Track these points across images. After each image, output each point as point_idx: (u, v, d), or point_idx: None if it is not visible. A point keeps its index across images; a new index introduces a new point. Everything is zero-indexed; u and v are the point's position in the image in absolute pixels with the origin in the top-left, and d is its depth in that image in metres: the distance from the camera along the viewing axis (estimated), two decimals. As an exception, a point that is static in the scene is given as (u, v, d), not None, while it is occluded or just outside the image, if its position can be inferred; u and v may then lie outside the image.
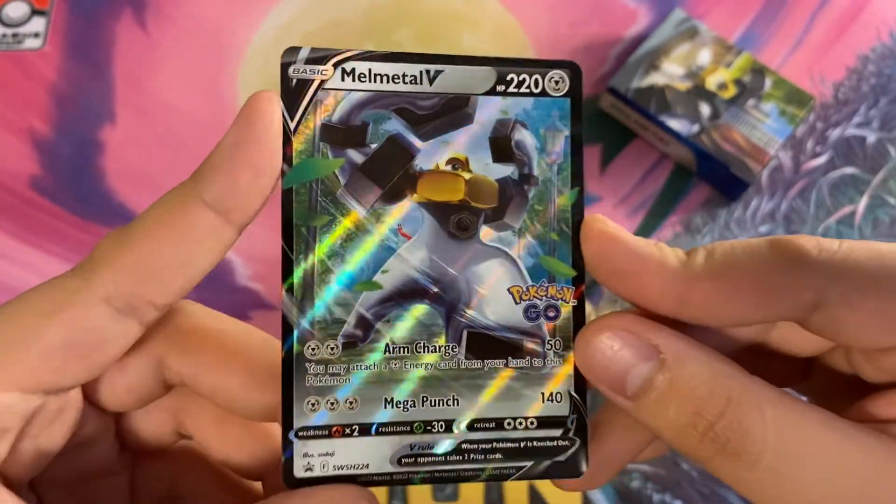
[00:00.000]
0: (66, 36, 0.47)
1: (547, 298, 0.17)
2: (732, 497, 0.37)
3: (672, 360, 0.15)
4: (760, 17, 0.48)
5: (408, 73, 0.17)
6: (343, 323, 0.17)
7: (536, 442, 0.17)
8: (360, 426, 0.17)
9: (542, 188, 0.17)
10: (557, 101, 0.18)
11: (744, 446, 0.15)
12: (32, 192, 0.43)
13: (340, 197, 0.17)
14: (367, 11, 0.48)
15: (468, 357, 0.17)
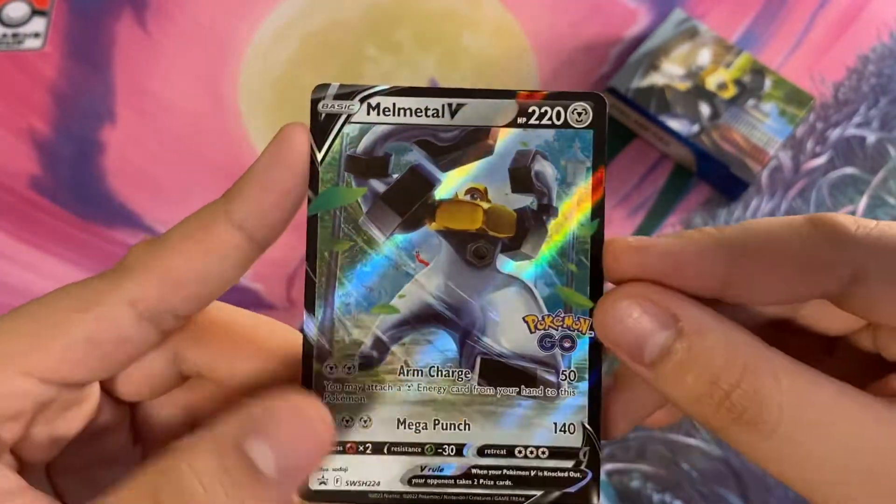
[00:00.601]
0: (67, 36, 0.47)
1: (563, 329, 0.17)
2: (732, 497, 0.37)
3: (690, 328, 0.16)
4: (760, 17, 0.48)
5: (430, 107, 0.18)
6: (360, 344, 0.18)
7: (547, 472, 0.17)
8: (374, 444, 0.17)
9: (562, 219, 0.18)
10: (580, 133, 0.18)
11: (760, 415, 0.15)
12: (32, 192, 0.43)
13: (362, 224, 0.18)
14: (367, 11, 0.48)
15: (481, 383, 0.17)
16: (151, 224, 0.43)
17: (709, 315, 0.16)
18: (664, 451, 0.38)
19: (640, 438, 0.39)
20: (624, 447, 0.38)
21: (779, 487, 0.38)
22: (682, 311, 0.16)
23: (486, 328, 0.18)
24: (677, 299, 0.16)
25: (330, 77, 0.46)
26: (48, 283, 0.41)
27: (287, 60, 0.46)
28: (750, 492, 0.38)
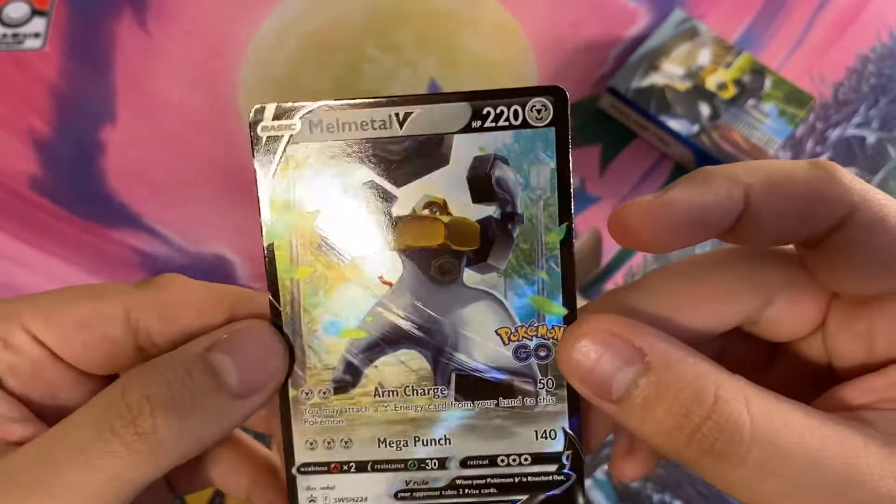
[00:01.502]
0: (67, 36, 0.47)
1: (538, 338, 0.17)
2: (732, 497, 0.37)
3: (657, 362, 0.15)
4: (760, 17, 0.48)
5: (376, 119, 0.17)
6: (333, 369, 0.17)
7: (531, 477, 0.18)
8: (357, 463, 0.18)
9: (528, 226, 0.17)
10: (540, 132, 0.17)
11: (730, 446, 0.15)
12: (32, 192, 0.43)
13: (320, 248, 0.17)
14: (366, 12, 0.48)
15: (458, 398, 0.17)
16: (151, 224, 0.43)
17: (674, 346, 0.16)
18: (664, 451, 0.38)
19: (641, 438, 0.39)
20: (624, 447, 0.38)
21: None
22: (648, 344, 0.16)
23: (458, 344, 0.17)
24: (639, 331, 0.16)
25: (330, 77, 0.46)
26: (48, 283, 0.41)
27: (287, 60, 0.46)
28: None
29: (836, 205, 0.16)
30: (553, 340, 0.17)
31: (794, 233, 0.17)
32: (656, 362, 0.15)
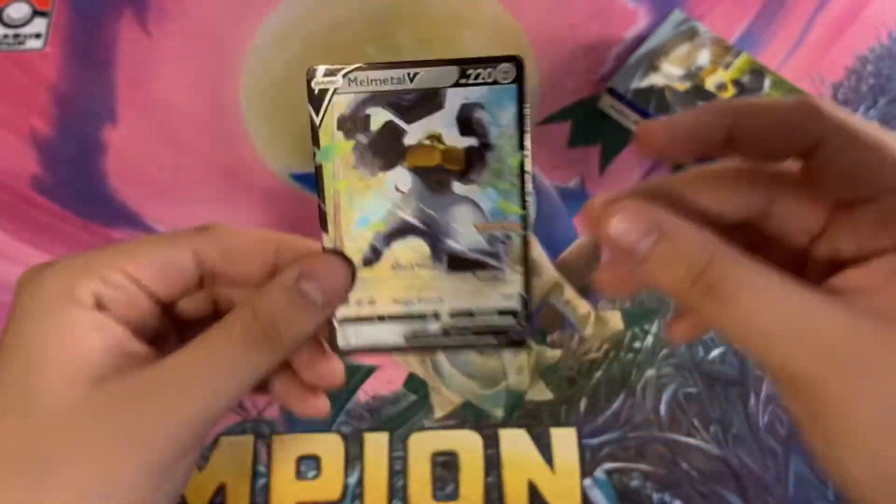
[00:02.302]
0: (68, 37, 0.47)
1: (503, 230, 0.24)
2: (731, 496, 0.38)
3: (669, 232, 0.21)
4: (760, 17, 0.48)
5: (394, 77, 0.24)
6: (362, 251, 0.25)
7: (497, 325, 0.25)
8: (378, 316, 0.25)
9: (498, 153, 0.24)
10: (507, 88, 0.24)
11: (724, 288, 0.20)
12: (33, 192, 0.43)
13: (354, 168, 0.24)
14: (367, 13, 0.48)
15: (448, 271, 0.25)
16: (152, 224, 0.43)
17: (683, 221, 0.21)
18: (664, 451, 0.38)
19: (640, 438, 0.39)
20: (624, 447, 0.38)
21: (777, 486, 0.38)
22: (662, 219, 0.21)
23: (448, 234, 0.25)
24: (657, 211, 0.21)
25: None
26: (49, 283, 0.41)
27: (287, 61, 0.46)
28: (749, 491, 0.38)
29: (810, 128, 0.21)
30: (513, 231, 0.24)
31: (779, 150, 0.22)
32: (668, 232, 0.21)
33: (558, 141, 0.45)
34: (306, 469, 0.38)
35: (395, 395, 0.39)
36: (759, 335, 0.20)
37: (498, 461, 0.38)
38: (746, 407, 0.39)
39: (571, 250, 0.42)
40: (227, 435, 0.39)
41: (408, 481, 0.38)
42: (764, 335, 0.20)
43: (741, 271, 0.20)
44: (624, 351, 0.40)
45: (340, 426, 0.39)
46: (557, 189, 0.43)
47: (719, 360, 0.40)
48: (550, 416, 0.39)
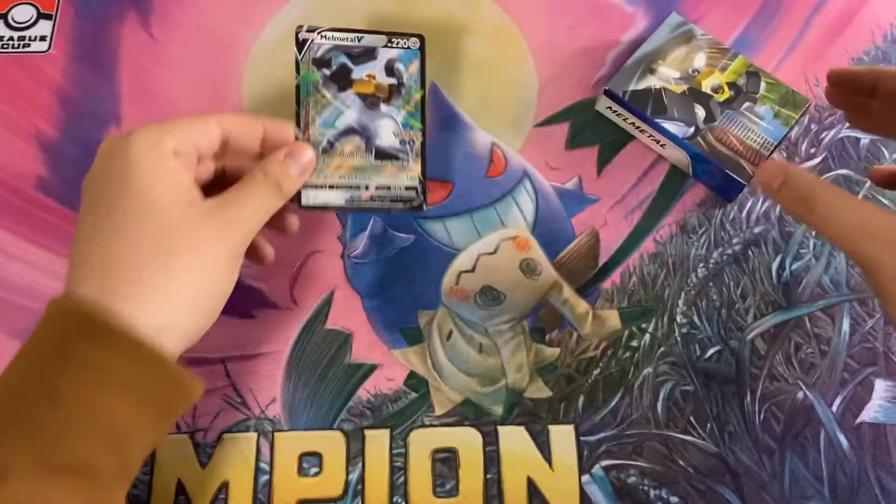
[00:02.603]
0: (72, 39, 0.48)
1: (409, 138, 0.37)
2: (728, 493, 0.38)
3: (790, 176, 0.33)
4: (756, 20, 0.48)
5: (349, 38, 0.37)
6: (321, 143, 0.36)
7: (405, 196, 0.36)
8: (329, 185, 0.36)
9: (408, 88, 0.37)
10: (414, 52, 0.37)
11: (815, 206, 0.32)
12: (38, 193, 0.44)
13: (321, 89, 0.36)
14: (368, 16, 0.48)
15: (375, 160, 0.36)
16: (156, 224, 0.43)
17: (799, 168, 0.34)
18: (661, 448, 0.39)
19: (637, 436, 0.39)
20: (621, 444, 0.39)
21: (773, 483, 0.38)
22: (789, 168, 0.33)
23: (376, 136, 0.36)
24: (789, 166, 0.34)
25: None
26: (54, 283, 0.42)
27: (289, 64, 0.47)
28: (745, 488, 0.38)
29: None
30: (416, 137, 0.37)
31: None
32: (790, 177, 0.33)
33: (557, 142, 0.45)
34: (308, 466, 0.39)
35: (396, 393, 0.40)
36: (837, 232, 0.32)
37: (497, 458, 0.39)
38: (742, 405, 0.40)
39: (570, 250, 0.43)
40: (230, 433, 0.39)
41: (408, 478, 0.38)
42: (840, 232, 0.32)
43: (827, 196, 0.33)
44: (622, 349, 0.41)
45: (342, 423, 0.39)
46: (556, 190, 0.44)
47: (715, 359, 0.41)
48: (549, 414, 0.40)
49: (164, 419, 0.31)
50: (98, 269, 0.30)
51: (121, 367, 0.29)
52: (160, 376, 0.30)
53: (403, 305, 0.41)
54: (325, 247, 0.43)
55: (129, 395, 0.29)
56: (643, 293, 0.42)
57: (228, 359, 0.40)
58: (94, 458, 0.28)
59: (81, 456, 0.28)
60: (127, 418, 0.29)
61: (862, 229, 0.32)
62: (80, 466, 0.28)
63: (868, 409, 0.39)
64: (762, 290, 0.42)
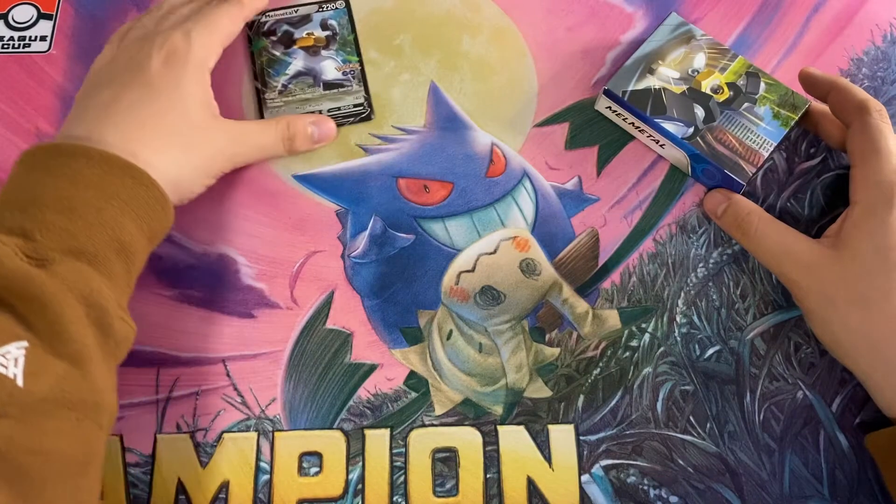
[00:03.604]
0: (72, 39, 0.48)
1: (349, 70, 0.45)
2: (727, 493, 0.38)
3: (732, 201, 0.41)
4: (755, 21, 0.48)
5: (288, 11, 0.47)
6: (277, 87, 0.45)
7: (354, 112, 0.45)
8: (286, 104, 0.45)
9: (343, 35, 0.47)
10: (341, 10, 0.47)
11: (748, 230, 0.40)
12: (39, 193, 0.44)
13: (270, 50, 0.46)
14: (368, 16, 0.48)
15: (324, 92, 0.45)
16: (156, 224, 0.43)
17: (741, 197, 0.41)
18: (660, 448, 0.39)
19: (637, 435, 0.39)
20: (621, 444, 0.39)
21: (773, 483, 0.38)
22: (731, 196, 0.41)
23: (322, 74, 0.45)
24: (733, 195, 0.42)
25: (332, 80, 0.46)
26: (55, 283, 0.42)
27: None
28: (744, 487, 0.38)
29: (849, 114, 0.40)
30: (355, 68, 0.46)
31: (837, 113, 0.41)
32: (731, 204, 0.41)
33: (557, 142, 0.45)
34: (308, 465, 0.39)
35: (396, 393, 0.40)
36: (765, 255, 0.39)
37: (497, 458, 0.39)
38: (742, 405, 0.40)
39: (570, 250, 0.43)
40: (231, 432, 0.39)
41: (408, 477, 0.38)
42: (767, 255, 0.39)
43: (760, 222, 0.39)
44: (621, 349, 0.41)
45: (342, 423, 0.39)
46: (556, 190, 0.44)
47: (715, 359, 0.41)
48: (549, 414, 0.40)
49: (153, 239, 0.36)
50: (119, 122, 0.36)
51: (122, 185, 0.34)
52: (151, 195, 0.35)
53: (403, 305, 0.42)
54: (325, 247, 0.43)
55: (128, 209, 0.34)
56: (643, 293, 0.42)
57: (228, 359, 0.40)
58: (109, 259, 0.33)
59: (102, 252, 0.32)
60: (129, 232, 0.34)
61: (785, 254, 0.38)
62: (103, 260, 0.32)
63: (868, 409, 0.39)
64: (762, 289, 0.42)
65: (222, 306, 0.41)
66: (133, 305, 0.41)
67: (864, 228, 0.36)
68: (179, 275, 0.42)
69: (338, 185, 0.44)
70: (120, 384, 0.40)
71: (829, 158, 0.45)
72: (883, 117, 0.38)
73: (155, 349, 0.40)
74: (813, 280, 0.37)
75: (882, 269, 0.35)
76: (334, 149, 0.45)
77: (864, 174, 0.37)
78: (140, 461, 0.39)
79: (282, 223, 0.43)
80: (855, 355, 0.37)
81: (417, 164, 0.44)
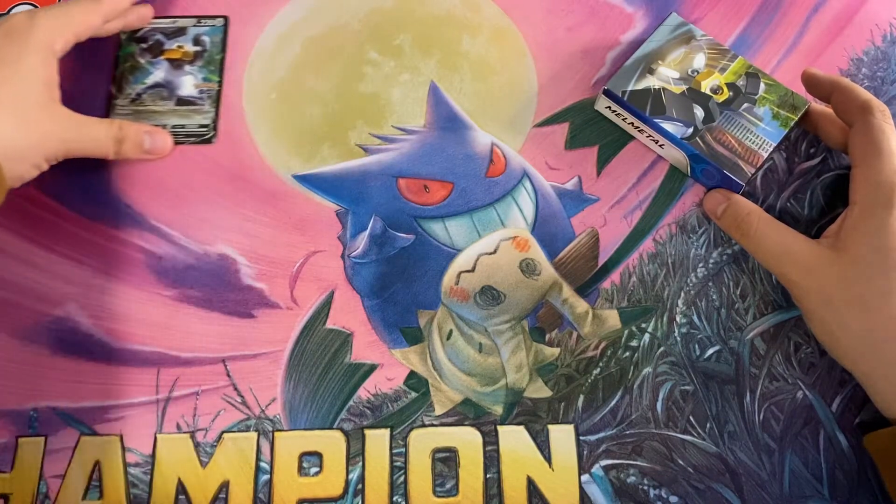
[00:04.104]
0: (73, 40, 0.48)
1: (207, 89, 0.46)
2: (727, 493, 0.38)
3: (732, 202, 0.41)
4: (755, 21, 0.48)
5: (165, 21, 0.48)
6: (131, 95, 0.46)
7: (197, 132, 0.45)
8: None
9: (210, 53, 0.47)
10: (219, 27, 0.47)
11: (748, 230, 0.40)
12: (40, 193, 0.44)
13: (136, 56, 0.46)
14: (367, 17, 0.48)
15: (174, 107, 0.45)
16: (156, 224, 0.43)
17: (740, 197, 0.41)
18: (660, 448, 0.39)
19: (637, 435, 0.39)
20: (621, 444, 0.39)
21: (772, 483, 0.38)
22: (731, 196, 0.42)
23: (179, 89, 0.46)
24: (732, 195, 0.42)
25: (332, 81, 0.46)
26: (56, 283, 0.42)
27: (290, 64, 0.47)
28: (744, 487, 0.38)
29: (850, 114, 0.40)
30: (212, 88, 0.46)
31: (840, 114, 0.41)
32: (731, 202, 0.41)
33: (556, 142, 0.45)
34: (308, 465, 0.39)
35: (396, 393, 0.40)
36: (765, 255, 0.39)
37: (497, 458, 0.39)
38: (742, 404, 0.40)
39: (569, 250, 0.43)
40: (231, 432, 0.39)
41: (408, 477, 0.38)
42: (767, 255, 0.39)
43: (760, 223, 0.39)
44: (621, 349, 0.41)
45: (342, 423, 0.39)
46: (556, 190, 0.44)
47: (715, 359, 0.41)
48: (549, 414, 0.40)
49: None
50: None
51: None
52: None
53: (403, 305, 0.42)
54: (325, 247, 0.43)
55: None
56: (643, 293, 0.42)
57: (229, 358, 0.40)
58: None
59: None
60: None
61: (784, 255, 0.38)
62: None
63: (867, 409, 0.39)
64: (762, 289, 0.42)
65: (222, 306, 0.41)
66: (133, 305, 0.41)
67: (863, 229, 0.36)
68: (179, 275, 0.42)
69: (338, 185, 0.44)
70: (120, 384, 0.40)
71: (829, 158, 0.45)
72: (886, 118, 0.38)
73: (155, 349, 0.41)
74: (812, 281, 0.37)
75: (881, 269, 0.35)
76: (334, 149, 0.45)
77: (865, 174, 0.37)
78: (140, 461, 0.39)
79: (282, 223, 0.43)
80: (854, 356, 0.37)
81: (417, 164, 0.44)
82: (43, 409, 0.40)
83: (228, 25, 0.47)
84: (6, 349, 0.41)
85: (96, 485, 0.38)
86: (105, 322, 0.41)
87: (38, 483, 0.38)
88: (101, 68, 0.46)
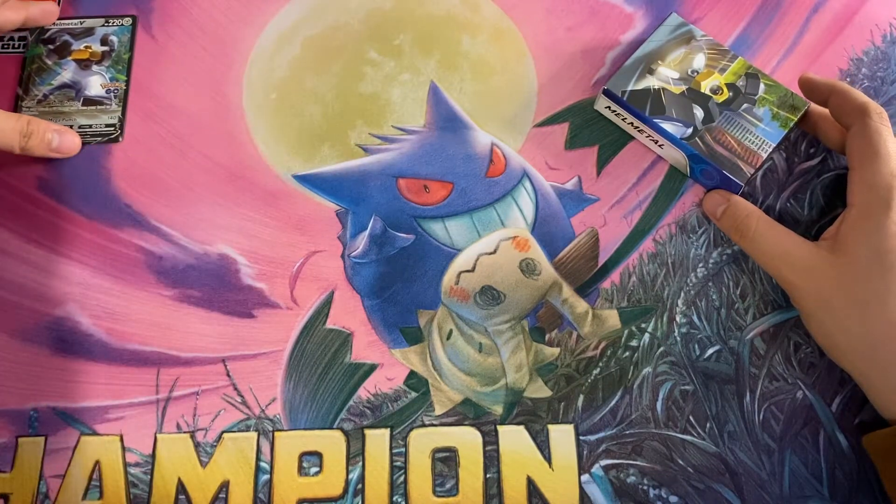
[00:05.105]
0: (73, 40, 0.48)
1: (114, 88, 0.46)
2: (727, 492, 0.38)
3: (731, 203, 0.41)
4: (755, 21, 0.48)
5: (72, 23, 0.47)
6: (37, 96, 0.45)
7: (104, 131, 0.45)
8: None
9: (118, 53, 0.47)
10: (127, 27, 0.47)
11: (747, 232, 0.40)
12: (40, 193, 0.44)
13: (44, 58, 0.46)
14: (367, 16, 0.48)
15: (81, 107, 0.46)
16: (157, 224, 0.43)
17: (739, 197, 0.42)
18: (660, 448, 0.39)
19: (637, 435, 0.39)
20: (621, 444, 0.39)
21: (772, 483, 0.38)
22: (730, 197, 0.42)
23: (86, 89, 0.46)
24: (732, 196, 0.42)
25: (332, 80, 0.46)
26: (56, 283, 0.42)
27: (290, 64, 0.47)
28: (744, 487, 0.38)
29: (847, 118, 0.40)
30: (119, 88, 0.46)
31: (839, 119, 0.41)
32: (731, 203, 0.41)
33: (556, 142, 0.45)
34: (308, 465, 0.39)
35: (396, 393, 0.40)
36: (763, 256, 0.39)
37: (497, 457, 0.39)
38: (742, 404, 0.40)
39: (569, 250, 0.43)
40: (231, 432, 0.39)
41: (408, 477, 0.38)
42: (765, 257, 0.39)
43: (759, 224, 0.40)
44: (621, 349, 0.41)
45: (342, 423, 0.39)
46: (556, 190, 0.44)
47: (715, 359, 0.41)
48: (549, 414, 0.40)
49: None
50: None
51: None
52: None
53: (403, 305, 0.42)
54: (325, 247, 0.43)
55: None
56: (642, 293, 0.42)
57: (228, 358, 0.40)
58: None
59: None
60: None
61: (783, 257, 0.38)
62: None
63: (867, 409, 0.39)
64: (761, 289, 0.42)
65: (222, 306, 0.41)
66: (133, 305, 0.41)
67: (860, 231, 0.36)
68: (179, 275, 0.42)
69: (338, 185, 0.44)
70: (120, 384, 0.40)
71: (828, 159, 0.45)
72: (883, 120, 0.38)
73: (155, 349, 0.41)
74: (810, 283, 0.37)
75: (879, 271, 0.35)
76: (334, 149, 0.45)
77: (862, 176, 0.37)
78: (140, 461, 0.39)
79: (282, 223, 0.43)
80: (852, 357, 0.37)
81: (417, 164, 0.44)
82: (43, 409, 0.40)
83: (137, 25, 0.47)
84: (6, 349, 0.41)
85: (96, 485, 0.38)
86: (105, 322, 0.41)
87: (38, 483, 0.38)
88: (8, 70, 0.46)
